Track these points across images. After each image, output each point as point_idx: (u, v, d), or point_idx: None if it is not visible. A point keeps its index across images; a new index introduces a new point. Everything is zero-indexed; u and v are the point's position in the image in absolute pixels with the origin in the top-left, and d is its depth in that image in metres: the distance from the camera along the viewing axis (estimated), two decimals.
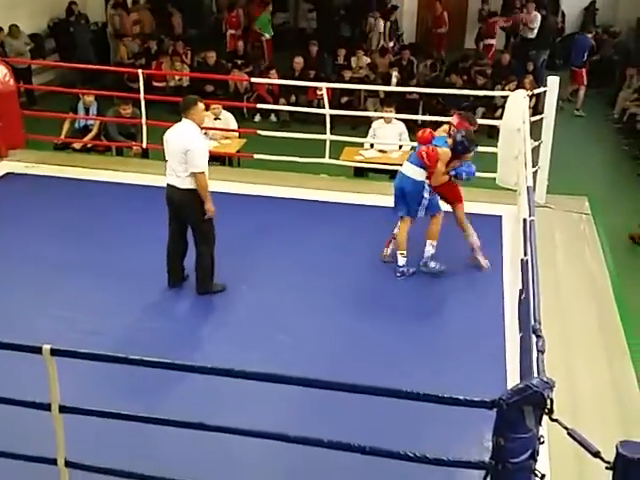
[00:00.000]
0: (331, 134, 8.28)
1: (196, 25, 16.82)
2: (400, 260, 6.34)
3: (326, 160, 8.26)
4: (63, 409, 3.38)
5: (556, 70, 13.21)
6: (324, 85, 8.93)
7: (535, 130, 7.17)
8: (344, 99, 12.41)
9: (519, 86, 10.97)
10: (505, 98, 7.63)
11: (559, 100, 7.65)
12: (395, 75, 12.82)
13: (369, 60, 13.84)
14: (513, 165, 6.68)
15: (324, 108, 8.48)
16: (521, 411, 2.83)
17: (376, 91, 12.05)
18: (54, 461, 3.50)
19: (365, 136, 8.93)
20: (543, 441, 2.97)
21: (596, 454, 2.71)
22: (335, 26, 16.96)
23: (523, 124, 6.60)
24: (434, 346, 5.43)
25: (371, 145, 8.88)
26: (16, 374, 4.39)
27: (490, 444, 2.98)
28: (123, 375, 4.33)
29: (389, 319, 5.76)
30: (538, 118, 7.63)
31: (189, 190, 5.59)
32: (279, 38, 15.76)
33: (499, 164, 7.03)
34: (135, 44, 14.72)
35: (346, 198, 7.75)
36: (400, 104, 9.80)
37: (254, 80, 11.13)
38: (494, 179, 7.11)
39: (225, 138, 9.13)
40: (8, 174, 8.25)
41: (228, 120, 9.20)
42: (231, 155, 9.03)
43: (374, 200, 7.62)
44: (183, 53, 13.92)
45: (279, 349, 5.26)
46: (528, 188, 5.43)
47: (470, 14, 17.76)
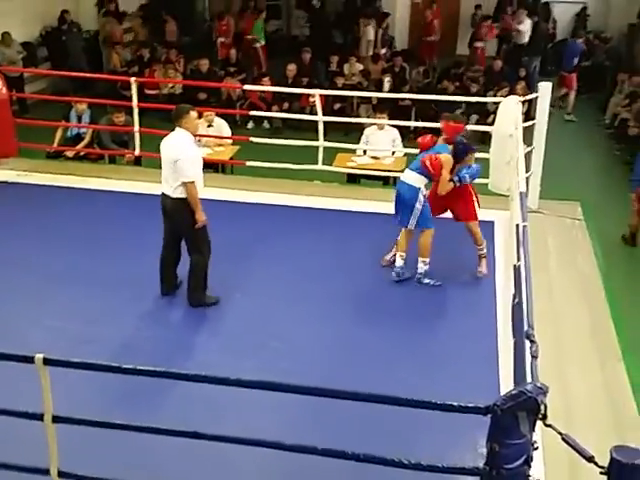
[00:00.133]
0: (324, 141, 8.29)
1: (189, 33, 16.85)
2: (398, 261, 6.33)
3: (319, 167, 8.27)
4: (56, 419, 3.37)
5: (548, 76, 13.27)
6: (317, 92, 8.94)
7: (527, 136, 7.20)
8: (337, 106, 12.43)
9: (511, 92, 11.01)
10: (497, 104, 7.66)
11: (550, 106, 7.68)
12: (387, 80, 12.86)
13: (362, 67, 13.88)
14: (505, 171, 6.70)
15: (317, 115, 8.50)
16: (515, 417, 2.84)
17: (369, 97, 12.08)
18: (47, 471, 3.49)
19: (358, 142, 8.94)
20: (537, 447, 2.98)
21: (590, 459, 2.72)
22: (328, 33, 17.00)
23: (515, 130, 6.62)
24: (427, 352, 5.43)
25: (364, 151, 8.89)
26: (8, 384, 4.37)
27: (484, 450, 2.99)
28: (116, 384, 4.31)
29: (383, 325, 5.76)
30: (530, 124, 7.66)
31: (180, 199, 5.60)
32: (272, 45, 15.80)
33: (491, 170, 7.04)
34: (128, 52, 14.73)
35: (339, 204, 7.76)
36: (393, 110, 9.81)
37: (247, 87, 11.14)
38: (487, 185, 7.11)
39: (218, 145, 9.13)
40: (0, 183, 8.23)
41: (221, 127, 9.20)
42: (224, 162, 9.03)
43: (367, 206, 7.64)
44: (176, 61, 13.93)
45: (273, 357, 5.25)
46: (521, 193, 5.44)
47: (462, 19, 17.80)
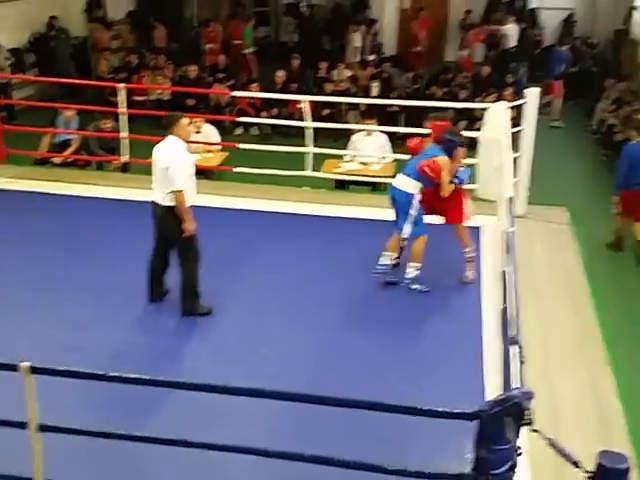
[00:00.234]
0: (313, 147, 8.30)
1: (177, 39, 16.85)
2: (382, 259, 6.34)
3: (308, 173, 8.27)
4: (42, 428, 3.35)
5: (536, 82, 13.34)
6: (305, 98, 8.96)
7: (515, 141, 7.23)
8: (325, 112, 12.45)
9: (499, 98, 11.05)
10: (485, 110, 7.69)
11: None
12: (375, 85, 12.90)
13: (350, 73, 13.92)
14: (493, 176, 6.72)
15: (306, 121, 8.51)
16: (502, 422, 2.84)
17: (357, 104, 12.11)
18: None
19: (346, 148, 8.96)
20: (522, 452, 2.98)
21: (576, 464, 2.73)
22: (316, 39, 17.04)
23: (503, 136, 6.65)
24: (414, 357, 5.43)
25: (352, 157, 8.91)
26: None
27: (471, 456, 2.99)
28: (103, 392, 4.28)
29: (371, 331, 5.76)
30: (518, 129, 7.70)
31: (171, 207, 5.60)
32: (261, 52, 15.83)
33: (480, 175, 7.07)
34: (116, 58, 14.71)
35: (328, 210, 7.76)
36: (381, 116, 9.84)
37: (235, 93, 11.14)
38: (475, 190, 7.14)
39: (207, 152, 9.12)
40: None
41: (210, 133, 9.20)
42: (213, 168, 9.02)
43: (356, 212, 7.65)
44: (164, 67, 13.92)
45: (262, 363, 5.23)
46: (508, 199, 5.47)
47: (450, 26, 17.90)
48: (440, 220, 6.42)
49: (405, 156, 6.80)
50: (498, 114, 6.97)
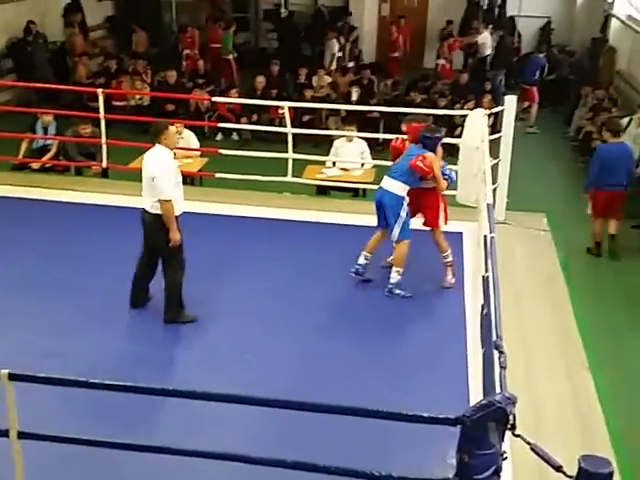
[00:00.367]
0: (293, 152, 8.30)
1: (156, 44, 16.80)
2: (360, 259, 6.41)
3: (288, 178, 8.27)
4: (22, 435, 3.31)
5: (513, 89, 13.46)
6: (286, 104, 8.96)
7: (494, 148, 7.29)
8: (306, 118, 12.46)
9: (477, 105, 11.14)
10: (464, 117, 7.74)
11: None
12: (355, 90, 12.93)
13: (330, 79, 13.94)
14: (473, 182, 6.78)
15: (286, 127, 8.51)
16: (484, 427, 2.85)
17: (337, 110, 12.14)
18: None
19: (327, 154, 8.97)
20: (506, 457, 3.00)
21: (558, 468, 2.74)
22: (296, 46, 17.07)
23: (482, 142, 6.70)
24: (397, 362, 5.45)
25: (333, 163, 8.93)
26: None
27: (454, 461, 3.00)
28: (83, 399, 4.26)
29: (354, 336, 5.77)
30: (497, 136, 7.76)
31: (158, 215, 5.59)
32: (240, 57, 15.80)
33: (459, 182, 7.10)
34: (94, 63, 14.62)
35: (309, 216, 7.77)
36: (361, 123, 9.87)
37: (215, 99, 11.12)
38: (454, 196, 7.19)
39: (186, 157, 9.08)
40: None
41: (189, 139, 9.16)
42: (193, 174, 8.98)
43: (337, 218, 7.66)
44: (143, 72, 13.86)
45: (245, 370, 5.22)
46: (488, 205, 5.51)
47: (429, 33, 18.01)
48: (420, 221, 6.45)
49: (385, 162, 6.82)
50: (476, 121, 7.03)
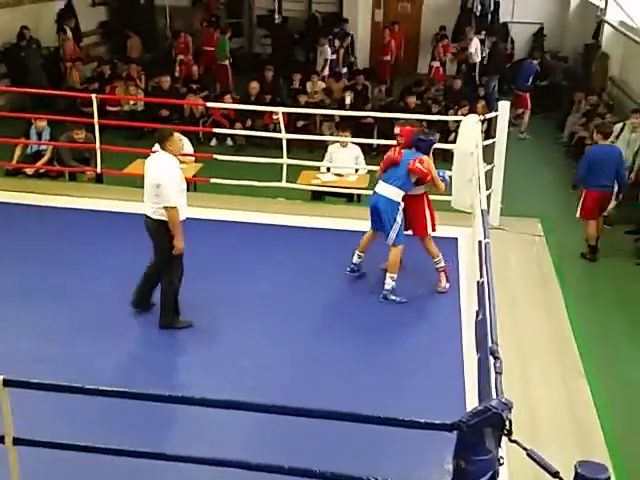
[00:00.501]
0: (288, 158, 8.30)
1: (150, 49, 16.80)
2: (354, 258, 6.54)
3: (283, 184, 8.27)
4: (17, 441, 3.30)
5: (506, 95, 13.51)
6: (280, 110, 8.97)
7: (488, 154, 7.31)
8: (300, 123, 12.47)
9: (471, 111, 11.17)
10: (458, 123, 7.76)
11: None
12: (348, 94, 12.96)
13: (324, 85, 13.97)
14: (467, 188, 6.79)
15: (280, 132, 8.51)
16: (481, 433, 2.85)
17: (332, 115, 12.16)
18: None
19: (321, 160, 8.98)
20: (503, 462, 3.00)
21: (555, 475, 2.74)
22: (290, 51, 17.09)
23: (476, 148, 6.72)
24: (393, 367, 5.45)
25: (327, 169, 8.94)
26: None
27: (451, 467, 2.99)
28: (78, 405, 4.24)
29: (350, 341, 5.78)
30: (490, 142, 7.79)
31: (160, 221, 5.59)
32: (234, 63, 15.81)
33: (453, 187, 7.13)
34: (88, 69, 14.61)
35: (304, 222, 7.77)
36: (355, 128, 9.88)
37: (210, 105, 11.12)
38: (449, 202, 7.20)
39: (181, 163, 9.05)
40: None
41: (183, 144, 9.14)
42: (187, 180, 8.95)
43: (332, 223, 7.67)
44: (137, 77, 13.85)
45: (242, 375, 5.22)
46: (482, 211, 5.52)
47: (423, 39, 18.06)
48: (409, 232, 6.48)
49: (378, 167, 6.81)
50: (470, 127, 7.05)
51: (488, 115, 8.89)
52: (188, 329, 5.82)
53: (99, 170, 8.67)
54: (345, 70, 15.81)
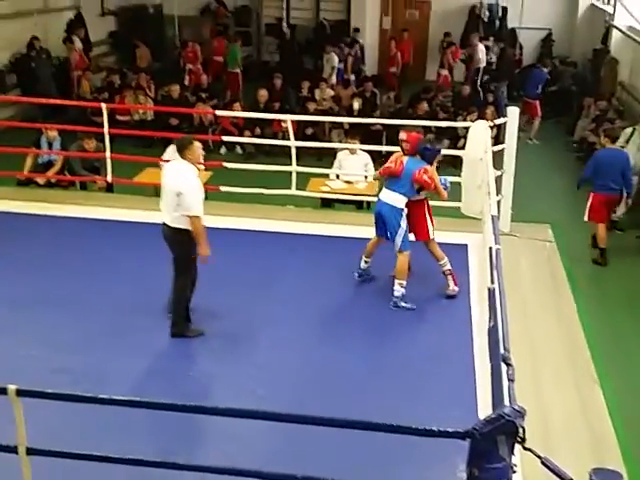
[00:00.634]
0: (297, 165, 8.32)
1: (159, 59, 16.88)
2: (361, 264, 6.60)
3: (292, 191, 8.28)
4: (31, 451, 3.31)
5: (514, 101, 13.49)
6: (289, 117, 8.99)
7: (497, 160, 7.29)
8: (309, 131, 12.48)
9: (480, 117, 11.16)
10: (467, 129, 7.76)
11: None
12: (356, 100, 12.97)
13: (333, 92, 13.99)
14: (477, 194, 6.78)
15: (289, 140, 8.53)
16: (494, 441, 2.84)
17: (340, 122, 12.16)
18: None
19: (330, 167, 8.99)
20: (516, 470, 2.98)
21: None
22: (298, 59, 17.14)
23: (485, 154, 6.71)
24: (405, 374, 5.43)
25: (337, 176, 8.94)
26: None
27: (464, 474, 2.99)
28: (92, 414, 4.25)
29: (360, 347, 5.78)
30: (500, 148, 7.77)
31: (178, 229, 5.58)
32: (243, 71, 15.87)
33: (463, 193, 7.13)
34: (98, 78, 14.70)
35: (313, 229, 7.78)
36: (364, 135, 9.89)
37: (219, 113, 11.15)
38: (459, 208, 7.20)
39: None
40: None
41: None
42: None
43: (341, 230, 7.67)
44: (147, 86, 13.92)
45: (252, 383, 5.21)
46: (492, 217, 5.51)
47: (431, 46, 18.08)
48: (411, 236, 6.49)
49: None
50: (479, 133, 7.04)
51: (497, 121, 8.87)
52: (198, 338, 5.81)
53: (109, 179, 8.70)
54: (353, 77, 15.84)
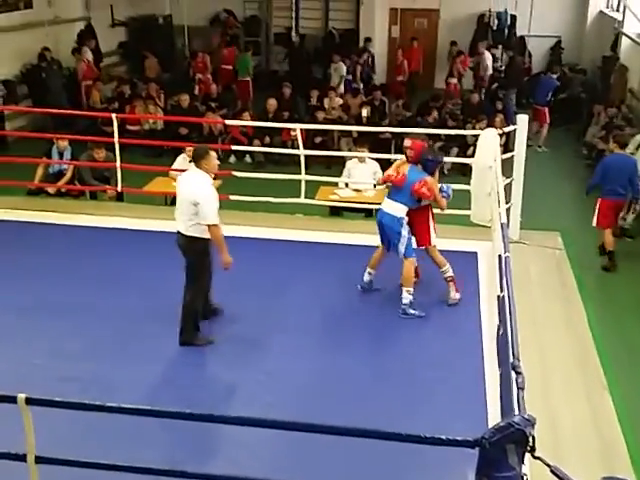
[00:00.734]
0: (306, 174, 8.33)
1: (169, 69, 16.97)
2: (365, 276, 6.62)
3: (302, 200, 8.29)
4: (39, 459, 3.32)
5: (523, 109, 13.47)
6: (298, 126, 9.01)
7: (506, 167, 7.29)
8: (318, 139, 12.51)
9: (489, 124, 11.15)
10: (476, 137, 7.75)
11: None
12: (365, 108, 12.98)
13: (341, 101, 14.01)
14: (486, 202, 6.77)
15: (298, 149, 8.55)
16: (504, 449, 2.83)
17: (349, 131, 12.18)
18: None
19: (339, 175, 9.01)
20: (526, 479, 2.97)
21: None
22: (307, 68, 17.18)
23: (494, 162, 6.70)
24: (414, 382, 5.42)
25: (346, 184, 8.95)
26: None
27: None
28: (101, 422, 4.26)
29: (368, 355, 5.78)
30: (509, 156, 7.76)
31: (193, 237, 5.63)
32: (252, 80, 15.94)
33: (473, 201, 7.12)
34: (108, 88, 14.79)
35: (322, 237, 7.78)
36: (373, 144, 9.90)
37: (228, 122, 11.20)
38: (469, 216, 7.19)
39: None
40: None
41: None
42: None
43: (350, 239, 7.67)
44: (156, 96, 13.99)
45: (260, 391, 5.22)
46: (502, 224, 5.50)
47: (439, 54, 18.09)
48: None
49: None
50: (489, 141, 7.04)
51: (506, 129, 8.86)
52: (206, 346, 5.82)
53: (119, 189, 8.74)
54: (362, 86, 15.86)
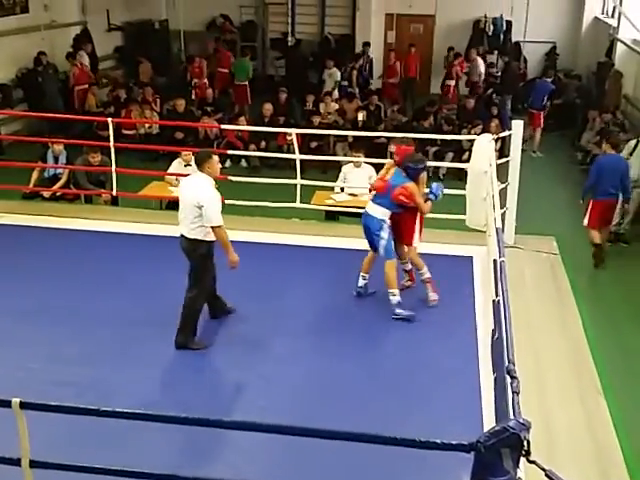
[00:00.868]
0: (301, 179, 8.34)
1: (165, 74, 16.98)
2: (360, 281, 6.63)
3: (297, 204, 8.30)
4: (34, 464, 3.31)
5: (519, 114, 13.52)
6: (293, 131, 9.02)
7: (501, 172, 7.30)
8: (314, 144, 12.54)
9: (484, 129, 11.18)
10: (472, 142, 7.77)
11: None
12: (361, 112, 13.01)
13: (337, 106, 14.04)
14: (482, 207, 6.79)
15: (294, 153, 8.56)
16: (499, 454, 2.83)
17: (345, 136, 12.21)
18: None
19: (335, 180, 9.02)
20: None
21: None
22: (303, 73, 17.21)
23: (490, 167, 6.72)
24: (409, 386, 5.42)
25: (342, 189, 8.97)
26: None
27: None
28: (96, 427, 4.23)
29: (364, 359, 5.76)
30: (504, 161, 7.79)
31: (197, 240, 5.68)
32: (248, 85, 15.96)
33: (468, 206, 7.13)
34: (104, 92, 14.80)
35: (318, 242, 7.78)
36: (369, 148, 9.92)
37: (224, 127, 11.21)
38: (464, 221, 7.20)
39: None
40: None
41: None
42: None
43: (346, 243, 7.66)
44: (152, 101, 14.00)
45: (256, 396, 5.20)
46: (497, 229, 5.52)
47: (435, 60, 18.13)
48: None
49: None
50: (484, 146, 7.06)
51: (502, 134, 8.89)
52: (202, 351, 5.82)
53: (115, 193, 8.73)
54: (357, 91, 15.89)
